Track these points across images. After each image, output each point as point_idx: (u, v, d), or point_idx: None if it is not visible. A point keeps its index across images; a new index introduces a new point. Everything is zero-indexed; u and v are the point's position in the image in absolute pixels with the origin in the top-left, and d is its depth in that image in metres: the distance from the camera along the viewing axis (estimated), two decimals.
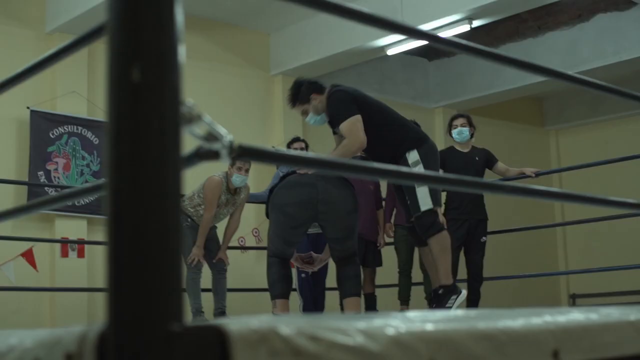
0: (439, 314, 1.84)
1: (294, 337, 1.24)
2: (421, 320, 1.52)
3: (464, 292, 6.70)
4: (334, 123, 6.52)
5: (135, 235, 1.17)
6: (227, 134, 1.50)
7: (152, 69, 1.21)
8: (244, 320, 1.24)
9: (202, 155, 1.49)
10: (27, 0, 10.61)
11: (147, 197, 1.18)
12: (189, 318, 5.55)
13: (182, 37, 1.27)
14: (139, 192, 1.18)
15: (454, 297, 6.49)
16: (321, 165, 1.96)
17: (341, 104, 6.41)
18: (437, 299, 6.58)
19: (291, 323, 1.26)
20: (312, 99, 6.52)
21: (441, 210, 6.72)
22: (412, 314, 1.79)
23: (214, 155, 1.50)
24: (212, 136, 1.48)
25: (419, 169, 6.33)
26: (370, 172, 2.26)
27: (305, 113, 6.68)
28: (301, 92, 6.55)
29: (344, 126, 6.29)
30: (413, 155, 6.42)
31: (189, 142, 1.30)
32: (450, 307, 6.48)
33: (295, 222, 6.38)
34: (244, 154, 1.55)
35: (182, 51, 1.26)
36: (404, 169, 1.88)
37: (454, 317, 1.69)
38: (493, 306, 9.42)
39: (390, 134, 6.47)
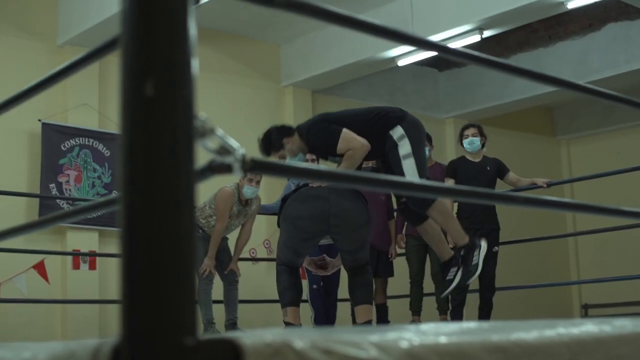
0: (452, 326, 1.84)
1: (307, 350, 1.23)
2: (434, 333, 1.51)
3: (484, 244, 6.66)
4: (332, 151, 6.48)
5: (149, 248, 1.17)
6: (239, 148, 1.50)
7: (165, 83, 1.21)
8: (258, 333, 1.24)
9: (215, 168, 1.49)
10: (38, 14, 10.66)
11: (160, 211, 1.18)
12: (200, 329, 5.56)
13: (195, 51, 1.27)
14: (152, 205, 1.18)
15: (476, 252, 6.47)
16: (332, 178, 1.96)
17: (324, 132, 6.41)
18: (464, 261, 6.54)
19: (305, 336, 1.26)
20: (285, 144, 6.51)
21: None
22: (425, 326, 1.78)
23: (226, 168, 1.50)
24: (224, 150, 1.48)
25: (404, 143, 6.30)
26: (381, 184, 2.25)
27: (282, 158, 6.66)
28: (273, 141, 6.55)
29: (340, 144, 6.28)
30: (397, 131, 6.38)
31: (202, 156, 1.30)
32: (477, 263, 6.46)
33: (307, 234, 6.37)
34: (256, 168, 1.55)
35: (195, 65, 1.27)
36: (416, 180, 1.87)
37: (467, 329, 1.69)
38: (505, 316, 9.41)
39: (374, 127, 6.43)
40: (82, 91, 10.53)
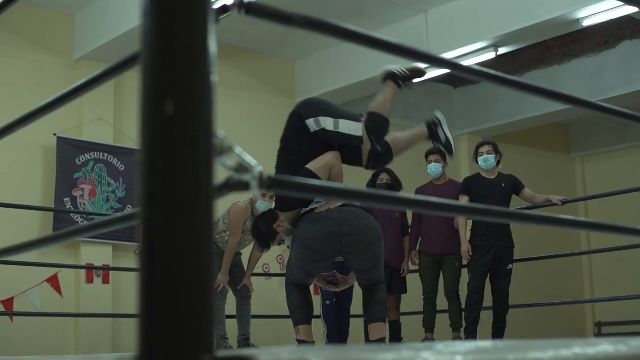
0: (467, 345, 1.84)
1: None
2: (450, 352, 1.51)
3: (440, 114, 6.80)
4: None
5: (168, 265, 1.18)
6: (257, 165, 1.50)
7: (185, 102, 1.22)
8: (275, 350, 1.25)
9: (232, 186, 1.50)
10: (55, 29, 10.72)
11: (179, 228, 1.19)
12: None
13: (215, 69, 1.28)
14: (171, 222, 1.19)
15: (439, 128, 6.65)
16: (349, 196, 1.96)
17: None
18: (434, 139, 6.74)
19: (321, 354, 1.26)
20: (277, 228, 6.50)
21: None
22: (441, 345, 1.78)
23: (244, 186, 1.51)
24: (242, 167, 1.49)
25: (322, 120, 6.30)
26: (396, 202, 2.26)
27: (282, 241, 6.65)
28: (265, 235, 6.54)
29: (322, 177, 6.27)
30: (309, 123, 6.37)
31: (219, 173, 1.31)
32: (447, 136, 6.64)
33: (319, 256, 6.31)
34: (273, 185, 1.56)
35: (215, 84, 1.27)
36: (434, 199, 1.88)
37: (483, 348, 1.68)
38: (518, 334, 9.38)
39: (299, 142, 6.43)
40: (98, 106, 10.57)
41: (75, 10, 10.75)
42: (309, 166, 6.17)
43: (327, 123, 6.27)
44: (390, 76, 6.73)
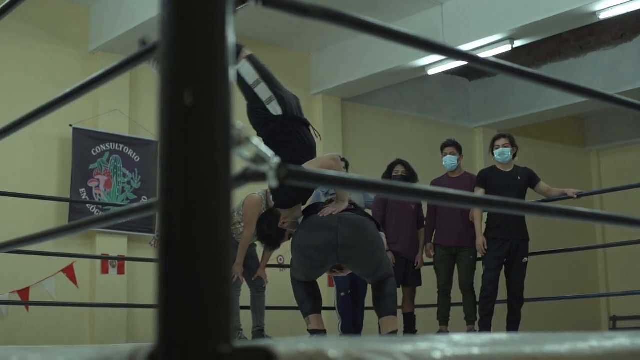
0: (483, 337, 1.84)
1: (341, 359, 1.24)
2: (467, 343, 1.51)
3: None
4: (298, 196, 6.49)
5: (186, 255, 1.18)
6: (274, 156, 1.51)
7: (204, 92, 1.22)
8: (292, 341, 1.25)
9: (249, 177, 1.50)
10: (70, 21, 10.75)
11: (197, 218, 1.19)
12: None
13: (233, 60, 1.28)
14: (189, 212, 1.19)
15: None
16: (364, 187, 1.97)
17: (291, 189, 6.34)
18: None
19: (338, 345, 1.26)
20: (282, 226, 6.49)
21: None
22: (457, 337, 1.78)
23: (260, 177, 1.51)
24: (259, 158, 1.49)
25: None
26: (411, 193, 2.26)
27: (292, 235, 6.63)
28: (273, 234, 6.55)
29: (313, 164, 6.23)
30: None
31: (236, 163, 1.31)
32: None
33: (316, 264, 6.34)
34: (290, 176, 1.56)
35: (233, 74, 1.28)
36: (450, 191, 1.88)
37: (499, 340, 1.68)
38: (532, 327, 9.37)
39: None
40: (113, 97, 10.60)
41: (91, 1, 10.78)
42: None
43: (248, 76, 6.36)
44: None
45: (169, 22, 1.25)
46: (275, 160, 1.50)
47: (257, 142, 1.45)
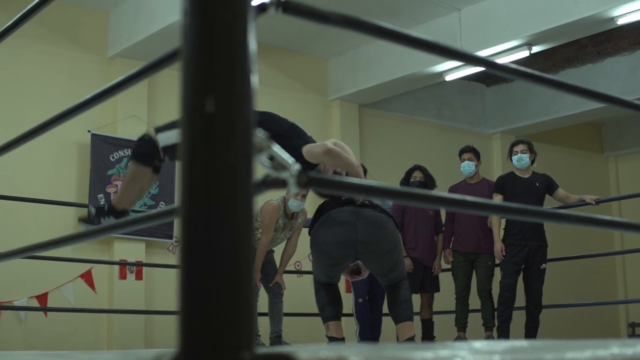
0: (504, 344, 1.83)
1: None
2: (488, 351, 1.51)
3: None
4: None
5: (208, 262, 1.19)
6: (294, 163, 1.51)
7: (226, 100, 1.23)
8: (313, 348, 1.25)
9: (270, 183, 1.51)
10: (89, 27, 10.79)
11: (220, 225, 1.20)
12: None
13: (254, 67, 1.28)
14: (212, 220, 1.20)
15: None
16: (383, 194, 1.97)
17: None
18: None
19: (359, 352, 1.27)
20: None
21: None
22: (478, 344, 1.78)
23: (281, 184, 1.51)
24: (280, 165, 1.49)
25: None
26: (430, 200, 2.25)
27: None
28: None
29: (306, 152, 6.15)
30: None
31: (256, 170, 1.31)
32: None
33: (334, 260, 6.35)
34: (310, 183, 1.56)
35: (254, 82, 1.28)
36: (470, 198, 1.88)
37: (520, 347, 1.68)
38: (551, 333, 9.33)
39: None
40: (131, 103, 10.63)
41: (110, 7, 10.82)
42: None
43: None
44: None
45: (190, 30, 1.26)
46: (295, 167, 1.51)
47: (278, 149, 1.46)
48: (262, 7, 1.62)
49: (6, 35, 3.27)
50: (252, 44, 1.28)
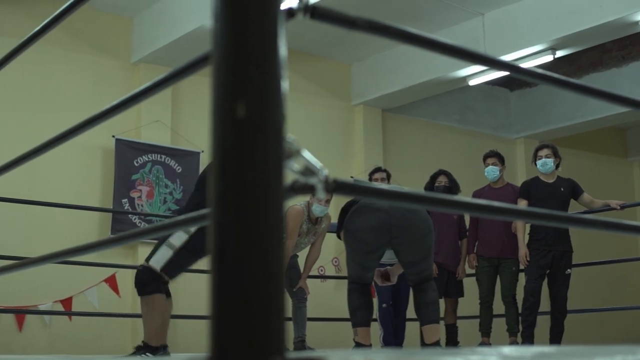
0: (533, 349, 1.82)
1: None
2: (517, 356, 1.51)
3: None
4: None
5: (239, 267, 1.19)
6: (323, 169, 1.51)
7: (256, 105, 1.23)
8: (345, 353, 1.25)
9: (298, 189, 1.51)
10: (113, 32, 10.85)
11: (250, 230, 1.20)
12: None
13: (285, 73, 1.29)
14: (243, 225, 1.20)
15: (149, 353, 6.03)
16: (413, 200, 1.96)
17: None
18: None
19: (390, 357, 1.27)
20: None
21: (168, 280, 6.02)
22: (507, 349, 1.77)
23: (309, 189, 1.52)
24: (309, 170, 1.49)
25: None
26: (455, 205, 2.25)
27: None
28: None
29: None
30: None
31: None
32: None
33: (369, 247, 6.34)
34: (339, 189, 1.56)
35: (285, 87, 1.28)
36: (494, 203, 1.88)
37: (548, 353, 1.67)
38: (574, 339, 9.28)
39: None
40: (155, 108, 10.67)
41: (133, 13, 10.87)
42: None
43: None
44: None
45: (221, 35, 1.26)
46: (324, 172, 1.51)
47: (308, 154, 1.46)
48: (290, 13, 1.62)
49: (33, 41, 3.30)
50: (283, 49, 1.29)
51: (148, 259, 5.96)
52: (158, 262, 5.92)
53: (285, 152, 1.29)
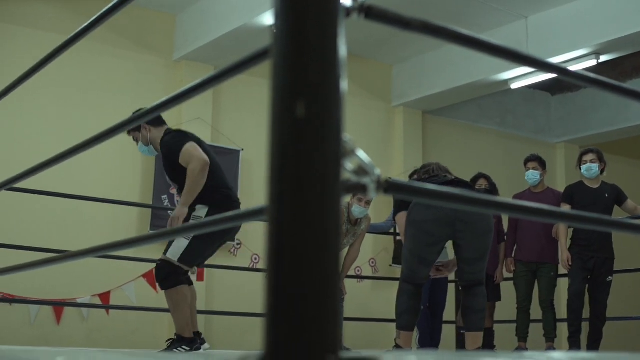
0: (578, 356, 1.82)
1: None
2: None
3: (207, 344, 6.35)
4: (171, 162, 6.32)
5: (295, 266, 1.19)
6: (376, 169, 1.51)
7: (316, 104, 1.23)
8: (399, 354, 1.25)
9: (350, 188, 1.51)
10: (156, 29, 10.91)
11: (307, 229, 1.20)
12: None
13: (344, 72, 1.29)
14: (300, 224, 1.20)
15: (184, 346, 6.11)
16: (462, 201, 1.96)
17: (175, 138, 6.35)
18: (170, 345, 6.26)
19: (447, 358, 1.26)
20: (143, 128, 6.51)
21: (192, 270, 6.27)
22: (555, 354, 1.77)
23: (361, 188, 1.52)
24: (362, 170, 1.49)
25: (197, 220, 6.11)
26: (495, 206, 2.24)
27: (135, 140, 6.61)
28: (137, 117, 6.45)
29: (182, 154, 6.16)
30: (202, 211, 6.22)
31: None
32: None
33: (432, 239, 6.31)
34: (391, 189, 1.56)
35: (344, 87, 1.29)
36: (543, 206, 1.87)
37: (596, 359, 1.67)
38: (613, 347, 9.21)
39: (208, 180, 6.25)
40: (196, 106, 10.71)
41: (176, 10, 10.93)
42: (190, 145, 6.28)
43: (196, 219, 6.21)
44: None
45: (282, 34, 1.26)
46: (377, 172, 1.51)
47: (363, 154, 1.46)
48: (346, 12, 1.62)
49: (79, 38, 3.33)
50: (342, 49, 1.29)
51: (165, 252, 6.11)
52: (174, 254, 6.06)
53: (343, 152, 1.29)
